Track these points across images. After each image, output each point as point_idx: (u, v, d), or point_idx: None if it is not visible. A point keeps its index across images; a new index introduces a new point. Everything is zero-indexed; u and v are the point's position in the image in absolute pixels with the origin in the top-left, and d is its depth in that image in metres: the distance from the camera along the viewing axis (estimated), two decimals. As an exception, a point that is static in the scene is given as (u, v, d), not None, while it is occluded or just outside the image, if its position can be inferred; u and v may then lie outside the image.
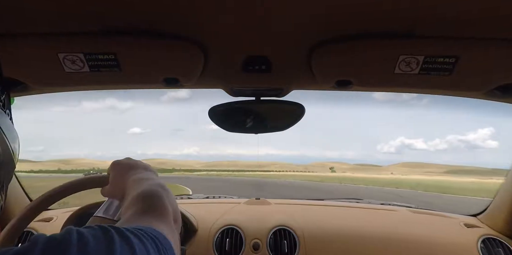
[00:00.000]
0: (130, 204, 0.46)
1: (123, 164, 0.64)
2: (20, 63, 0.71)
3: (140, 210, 0.44)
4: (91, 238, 0.30)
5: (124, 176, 0.60)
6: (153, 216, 0.42)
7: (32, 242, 0.29)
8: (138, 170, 0.61)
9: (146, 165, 0.65)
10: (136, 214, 0.43)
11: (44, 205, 0.75)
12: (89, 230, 0.32)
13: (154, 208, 0.45)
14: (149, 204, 0.46)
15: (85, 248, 0.29)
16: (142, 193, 0.48)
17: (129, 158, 0.68)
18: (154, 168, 0.67)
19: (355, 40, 0.68)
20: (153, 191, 0.49)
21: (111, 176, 0.64)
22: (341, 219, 1.24)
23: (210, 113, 0.93)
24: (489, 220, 1.19)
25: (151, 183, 0.53)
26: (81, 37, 0.66)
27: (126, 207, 0.47)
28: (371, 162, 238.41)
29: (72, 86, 0.86)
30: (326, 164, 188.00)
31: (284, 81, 0.88)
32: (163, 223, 0.42)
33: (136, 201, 0.47)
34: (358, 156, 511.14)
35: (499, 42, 0.65)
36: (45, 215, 1.22)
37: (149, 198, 0.47)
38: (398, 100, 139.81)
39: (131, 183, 0.56)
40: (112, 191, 0.64)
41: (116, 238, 0.32)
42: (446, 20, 0.60)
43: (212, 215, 1.20)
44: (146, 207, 0.45)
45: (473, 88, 0.78)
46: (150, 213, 0.43)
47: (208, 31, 0.67)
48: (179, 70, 0.76)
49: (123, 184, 0.59)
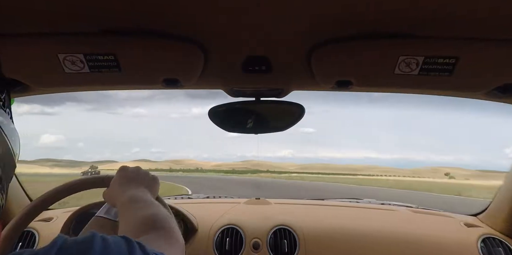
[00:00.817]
0: (141, 229, 0.45)
1: (127, 173, 0.63)
2: (20, 64, 0.71)
3: (156, 237, 0.44)
4: (114, 246, 0.31)
5: (121, 187, 0.60)
6: (170, 245, 0.43)
7: (51, 243, 0.30)
8: (135, 186, 0.60)
9: (147, 182, 0.63)
10: (151, 240, 0.42)
11: (45, 204, 0.75)
12: (113, 238, 0.32)
13: (169, 237, 0.45)
14: (163, 233, 0.45)
15: (107, 253, 0.29)
16: (153, 220, 0.47)
17: (139, 167, 0.66)
18: (157, 186, 0.65)
19: (355, 41, 0.68)
20: (163, 220, 0.48)
21: (113, 180, 0.64)
22: (342, 219, 1.24)
23: (210, 114, 0.93)
24: (489, 219, 1.19)
25: (157, 209, 0.52)
26: (81, 38, 0.66)
27: (134, 231, 0.46)
28: (496, 168, 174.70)
29: (72, 86, 0.86)
30: (439, 169, 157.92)
31: (284, 81, 0.88)
32: (178, 253, 0.42)
33: (149, 228, 0.46)
34: (477, 161, 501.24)
35: (499, 42, 0.65)
36: (45, 215, 1.22)
37: (162, 227, 0.46)
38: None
39: (125, 201, 0.55)
40: (108, 195, 0.63)
41: (137, 249, 0.32)
42: (446, 20, 0.60)
43: (212, 214, 1.21)
44: (161, 236, 0.44)
45: (473, 89, 0.78)
46: (164, 241, 0.43)
47: (208, 32, 0.67)
48: (179, 70, 0.76)
49: (116, 195, 0.58)
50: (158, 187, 0.66)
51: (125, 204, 0.54)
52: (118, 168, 0.65)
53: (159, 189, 0.66)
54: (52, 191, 0.75)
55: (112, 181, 0.63)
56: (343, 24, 0.63)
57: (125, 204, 0.54)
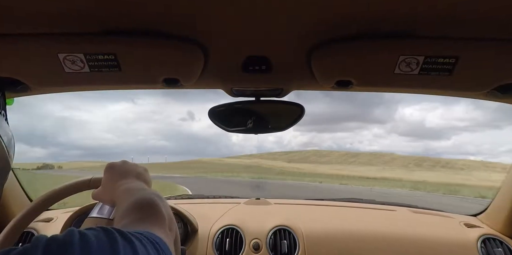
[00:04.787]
0: (126, 212, 0.46)
1: (116, 169, 0.63)
2: (21, 64, 0.71)
3: (137, 218, 0.44)
4: (94, 239, 0.30)
5: (115, 182, 0.59)
6: (151, 224, 0.42)
7: (34, 242, 0.30)
8: (129, 179, 0.60)
9: (139, 172, 0.64)
10: (134, 221, 0.43)
11: (44, 205, 0.75)
12: (91, 231, 0.32)
13: (151, 216, 0.45)
14: (146, 212, 0.45)
15: (87, 248, 0.29)
16: (139, 201, 0.48)
17: (125, 161, 0.66)
18: (149, 176, 0.66)
19: (355, 41, 0.68)
20: (148, 199, 0.48)
21: (103, 179, 0.63)
22: (341, 219, 1.24)
23: (210, 114, 0.93)
24: (489, 219, 1.19)
25: (145, 192, 0.52)
26: (81, 38, 0.66)
27: (121, 215, 0.46)
28: None
29: (72, 86, 0.85)
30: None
31: (284, 81, 0.88)
32: (160, 229, 0.42)
33: (132, 209, 0.46)
34: None
35: (499, 42, 0.65)
36: (45, 216, 1.22)
37: (145, 206, 0.47)
38: None
39: (121, 192, 0.55)
40: (101, 194, 0.63)
41: (119, 239, 0.32)
42: (446, 20, 0.60)
43: (212, 215, 1.21)
44: (143, 215, 0.44)
45: (473, 89, 0.78)
46: (147, 220, 0.43)
47: (208, 32, 0.67)
48: (179, 70, 0.76)
49: (112, 190, 0.58)
50: (150, 176, 0.66)
51: (121, 195, 0.54)
52: (106, 166, 0.64)
53: (151, 179, 0.66)
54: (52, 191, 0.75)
55: (104, 180, 0.63)
56: (343, 24, 0.63)
57: (121, 195, 0.54)
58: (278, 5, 0.56)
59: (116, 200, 0.55)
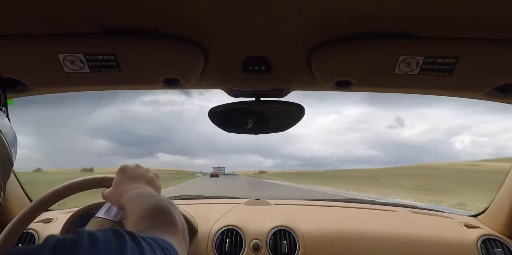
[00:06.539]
0: (140, 218, 0.46)
1: (127, 172, 0.64)
2: (20, 64, 0.71)
3: (151, 224, 0.44)
4: (103, 239, 0.31)
5: (125, 185, 0.60)
6: (164, 231, 0.43)
7: (44, 242, 0.30)
8: (140, 184, 0.61)
9: (150, 178, 0.64)
10: (148, 228, 0.43)
11: (44, 205, 0.75)
12: (102, 232, 0.32)
13: (165, 223, 0.45)
14: (160, 219, 0.46)
15: (95, 248, 0.29)
16: (153, 208, 0.48)
17: (138, 165, 0.67)
18: (159, 182, 0.66)
19: (355, 41, 0.68)
20: (162, 206, 0.49)
21: (115, 180, 0.64)
22: (341, 220, 1.24)
23: (210, 114, 0.93)
24: (489, 220, 1.19)
25: (158, 198, 0.53)
26: (81, 38, 0.66)
27: (135, 222, 0.46)
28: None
29: (72, 86, 0.85)
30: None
31: (284, 81, 0.88)
32: (173, 237, 0.42)
33: (147, 215, 0.47)
34: None
35: (499, 42, 0.65)
36: (45, 216, 1.22)
37: (160, 214, 0.47)
38: None
39: (132, 197, 0.56)
40: (111, 195, 0.63)
41: (128, 241, 0.32)
42: (446, 20, 0.60)
43: (212, 215, 1.20)
44: (157, 222, 0.45)
45: (473, 89, 0.78)
46: (161, 228, 0.44)
47: (208, 32, 0.67)
48: (179, 70, 0.76)
49: (121, 193, 0.59)
50: (160, 183, 0.67)
51: (132, 200, 0.55)
52: (119, 168, 0.65)
53: (161, 185, 0.67)
54: (52, 191, 0.75)
55: (115, 181, 0.63)
56: (343, 24, 0.63)
57: (132, 199, 0.55)
58: (278, 5, 0.56)
59: (125, 203, 0.56)
